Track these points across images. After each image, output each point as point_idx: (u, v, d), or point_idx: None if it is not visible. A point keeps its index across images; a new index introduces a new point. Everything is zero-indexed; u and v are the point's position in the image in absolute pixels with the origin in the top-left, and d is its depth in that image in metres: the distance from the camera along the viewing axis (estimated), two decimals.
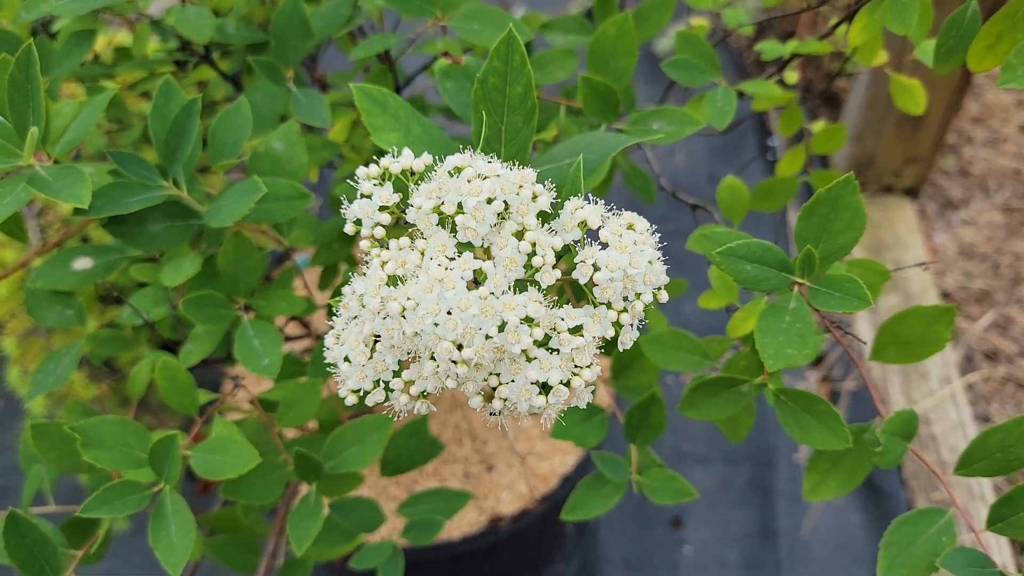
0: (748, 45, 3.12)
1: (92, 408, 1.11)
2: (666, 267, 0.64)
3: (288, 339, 1.20)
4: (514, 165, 0.69)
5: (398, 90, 1.16)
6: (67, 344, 1.03)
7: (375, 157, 0.69)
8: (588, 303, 0.64)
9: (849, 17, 0.97)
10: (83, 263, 0.99)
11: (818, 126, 1.30)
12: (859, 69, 1.25)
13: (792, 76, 1.24)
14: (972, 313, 2.36)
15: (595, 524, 2.02)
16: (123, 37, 1.31)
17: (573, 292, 0.77)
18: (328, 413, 1.09)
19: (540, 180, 0.66)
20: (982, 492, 1.93)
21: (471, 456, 1.61)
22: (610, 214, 0.65)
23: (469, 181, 0.62)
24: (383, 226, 0.65)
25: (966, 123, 2.83)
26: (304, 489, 1.09)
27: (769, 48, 1.08)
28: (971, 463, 0.83)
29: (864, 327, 2.30)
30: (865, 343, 0.91)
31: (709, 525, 2.03)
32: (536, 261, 0.61)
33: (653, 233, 0.65)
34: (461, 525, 1.52)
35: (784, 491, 2.07)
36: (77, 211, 0.83)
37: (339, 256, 1.07)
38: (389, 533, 1.42)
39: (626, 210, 0.67)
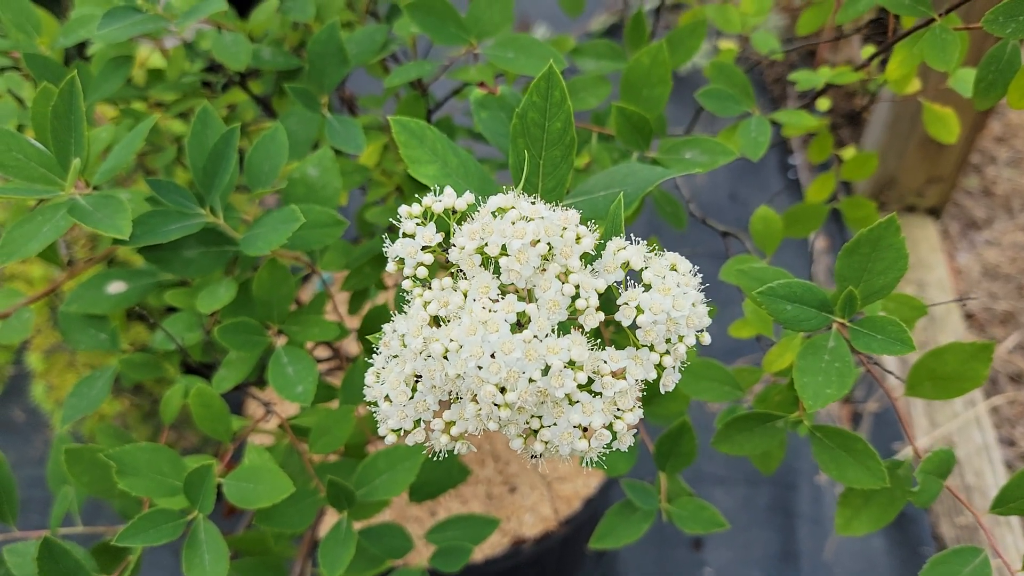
0: (770, 63, 3.11)
1: (120, 428, 1.12)
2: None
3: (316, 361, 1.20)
4: (552, 200, 0.69)
5: (429, 115, 1.16)
6: (98, 365, 1.04)
7: (417, 195, 0.69)
8: (620, 340, 0.64)
9: (886, 49, 0.96)
10: (117, 287, 1.00)
11: (848, 152, 1.30)
12: (884, 93, 1.24)
13: (824, 103, 1.24)
14: (996, 335, 2.34)
15: None
16: (155, 59, 1.31)
17: (606, 327, 0.76)
18: (355, 436, 1.09)
19: (582, 220, 0.65)
20: (1008, 519, 1.91)
21: (494, 477, 1.61)
22: (652, 254, 0.65)
23: (513, 223, 0.61)
24: (425, 266, 0.65)
25: (989, 143, 2.81)
26: (331, 512, 1.09)
27: (803, 78, 1.07)
28: (1007, 502, 0.82)
29: None
30: (894, 374, 0.91)
31: (730, 547, 2.02)
32: (580, 304, 0.61)
33: (695, 274, 0.65)
34: (483, 547, 1.51)
35: (806, 513, 2.05)
36: (116, 240, 0.83)
37: (370, 280, 1.07)
38: (413, 556, 1.42)
39: (647, 231, 0.67)
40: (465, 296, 0.62)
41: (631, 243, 0.65)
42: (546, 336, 0.59)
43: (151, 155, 1.24)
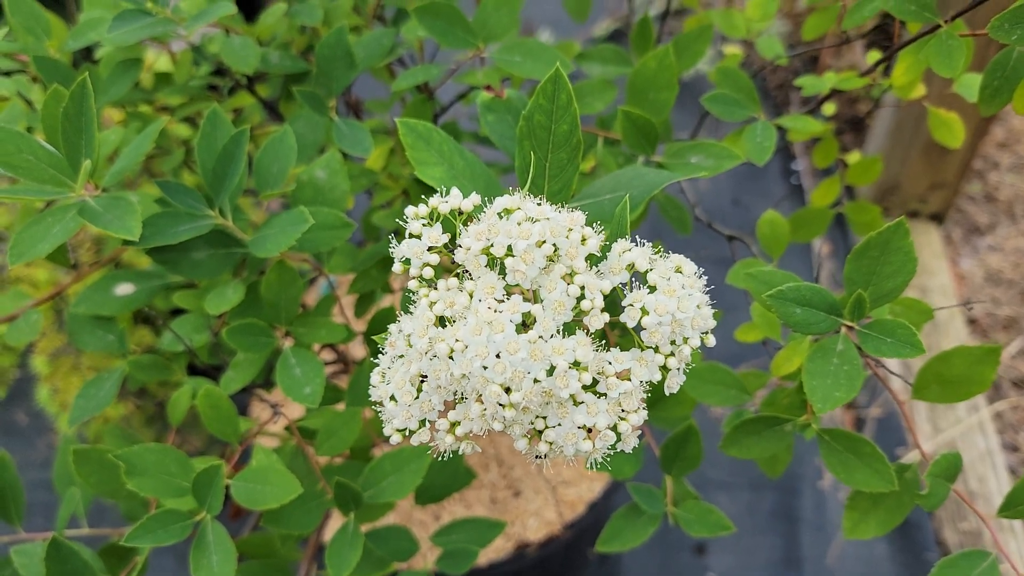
0: (773, 70, 3.11)
1: (126, 430, 1.12)
2: None
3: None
4: (559, 203, 0.69)
5: (435, 119, 1.17)
6: (102, 368, 1.04)
7: (423, 196, 0.69)
8: (625, 342, 0.64)
9: (892, 55, 0.97)
10: (125, 289, 1.00)
11: (853, 157, 1.30)
12: (888, 99, 1.24)
13: (830, 108, 1.24)
14: (1000, 340, 2.33)
15: None
16: (162, 62, 1.32)
17: (610, 329, 0.77)
18: (361, 439, 1.09)
19: (587, 223, 0.66)
20: (1011, 524, 1.90)
21: (498, 481, 1.61)
22: (657, 256, 0.65)
23: (519, 224, 0.62)
24: (431, 266, 0.65)
25: (992, 148, 2.81)
26: (335, 517, 1.09)
27: (809, 83, 1.08)
28: (1016, 504, 0.82)
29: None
30: (901, 376, 0.91)
31: (733, 552, 2.01)
32: (585, 305, 0.61)
33: (700, 277, 0.65)
34: (487, 551, 1.51)
35: (809, 519, 2.05)
36: (126, 241, 0.83)
37: (377, 284, 1.08)
38: (417, 560, 1.42)
39: (651, 235, 0.67)
40: (471, 296, 0.62)
41: (636, 245, 0.65)
42: (551, 337, 0.60)
43: (158, 159, 1.24)
